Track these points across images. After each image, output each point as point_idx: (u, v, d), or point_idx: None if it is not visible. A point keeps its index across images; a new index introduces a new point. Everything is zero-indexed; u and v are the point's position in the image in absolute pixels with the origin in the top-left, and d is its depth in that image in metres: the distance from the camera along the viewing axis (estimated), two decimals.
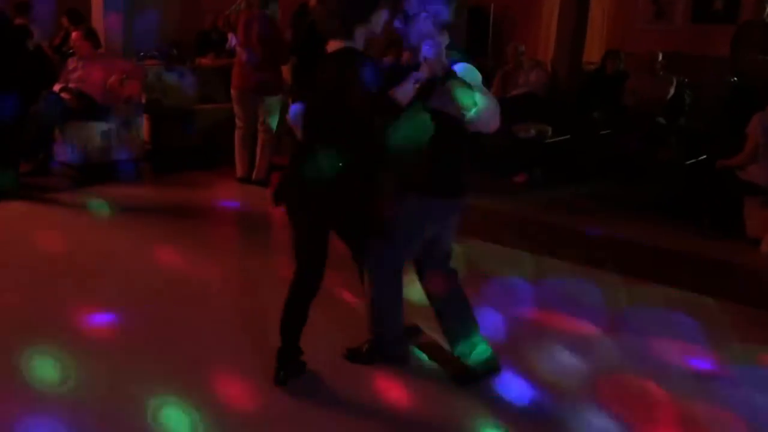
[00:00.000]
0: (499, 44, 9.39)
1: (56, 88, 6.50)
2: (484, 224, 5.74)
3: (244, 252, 5.00)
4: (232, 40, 6.38)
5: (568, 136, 6.94)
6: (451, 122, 3.03)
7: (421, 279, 3.39)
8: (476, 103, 2.94)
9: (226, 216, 5.93)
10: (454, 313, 3.36)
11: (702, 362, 3.65)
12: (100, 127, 6.40)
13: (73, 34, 6.70)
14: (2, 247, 4.70)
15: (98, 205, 5.62)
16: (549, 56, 8.67)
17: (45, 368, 3.16)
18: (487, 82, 8.09)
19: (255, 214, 5.87)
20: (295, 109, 3.27)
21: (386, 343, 3.37)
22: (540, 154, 6.82)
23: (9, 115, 5.62)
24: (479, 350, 3.31)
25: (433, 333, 3.52)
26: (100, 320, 3.66)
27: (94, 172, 6.36)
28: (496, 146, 6.89)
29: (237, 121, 6.56)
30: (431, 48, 2.96)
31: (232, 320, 3.76)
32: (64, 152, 6.40)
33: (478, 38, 9.40)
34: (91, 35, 6.55)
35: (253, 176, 6.57)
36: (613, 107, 7.06)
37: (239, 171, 6.63)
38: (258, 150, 6.57)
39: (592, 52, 8.85)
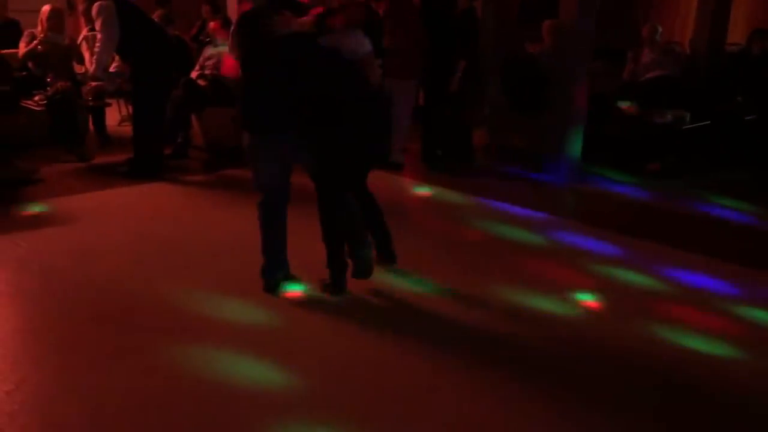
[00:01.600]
0: (631, 23, 8.98)
1: (193, 74, 6.82)
2: (611, 213, 5.53)
3: None
4: None
5: (708, 122, 6.55)
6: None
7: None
8: None
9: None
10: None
11: None
12: (233, 112, 6.65)
13: (211, 24, 6.98)
14: (145, 222, 5.00)
15: (228, 185, 5.87)
16: (687, 37, 8.20)
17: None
18: (617, 62, 7.77)
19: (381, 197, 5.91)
20: None
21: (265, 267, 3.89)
22: (676, 141, 6.47)
23: (157, 100, 5.97)
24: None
25: None
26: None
27: (227, 155, 6.63)
28: (627, 132, 6.62)
29: None
30: None
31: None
32: (199, 136, 6.70)
33: (611, 17, 9.02)
34: (227, 25, 6.80)
35: (389, 159, 6.61)
36: (759, 91, 6.59)
37: None
38: (393, 133, 6.58)
39: (736, 33, 8.29)
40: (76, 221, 4.97)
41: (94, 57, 5.87)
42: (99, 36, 5.69)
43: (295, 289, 3.92)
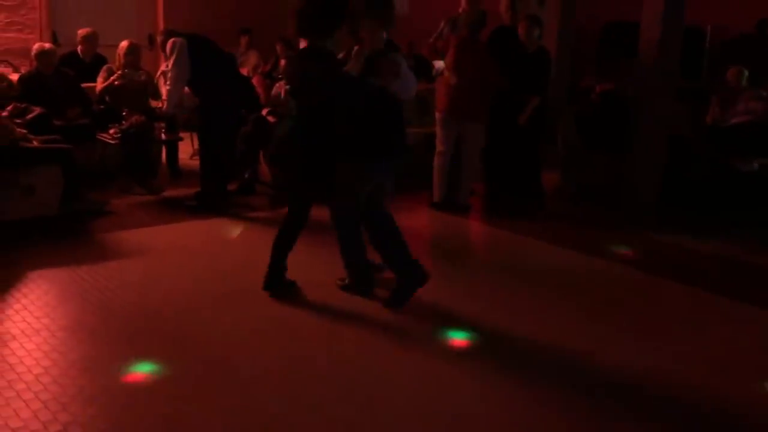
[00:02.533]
0: (715, 67, 8.63)
1: (264, 111, 6.86)
2: (688, 265, 5.22)
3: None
4: (439, 66, 6.34)
5: None
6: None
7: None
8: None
9: (416, 242, 5.88)
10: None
11: None
12: None
13: (282, 61, 7.03)
14: (209, 258, 4.98)
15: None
16: None
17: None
18: (700, 106, 7.48)
19: (446, 240, 5.78)
20: None
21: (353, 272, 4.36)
22: (763, 191, 6.10)
23: (226, 136, 6.02)
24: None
25: None
26: None
27: None
28: (708, 180, 6.30)
29: (438, 144, 6.50)
30: None
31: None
32: (266, 173, 6.70)
33: (692, 60, 8.71)
34: None
35: (458, 200, 6.49)
36: None
37: (435, 196, 6.57)
38: (462, 175, 6.48)
39: None
40: (142, 255, 4.99)
41: (165, 94, 5.98)
42: (170, 74, 5.79)
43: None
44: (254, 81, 7.71)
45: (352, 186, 4.21)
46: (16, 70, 7.49)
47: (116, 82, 6.81)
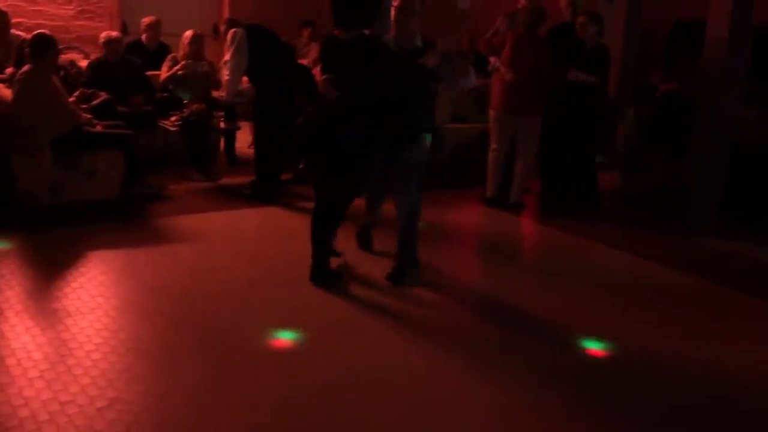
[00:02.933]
0: None
1: None
2: (751, 273, 5.05)
3: (469, 274, 4.88)
4: (495, 62, 6.28)
5: None
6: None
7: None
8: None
9: (465, 236, 5.86)
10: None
11: None
12: None
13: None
14: (262, 244, 5.07)
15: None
16: None
17: None
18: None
19: (495, 237, 5.74)
20: None
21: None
22: None
23: (280, 126, 6.09)
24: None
25: None
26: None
27: None
28: None
29: (492, 141, 6.46)
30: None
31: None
32: None
33: (762, 61, 8.37)
34: None
35: (510, 198, 6.44)
36: None
37: (489, 192, 6.54)
38: (516, 172, 6.42)
39: None
40: (196, 240, 5.12)
41: (224, 84, 6.10)
42: (228, 63, 5.90)
43: None
44: (315, 72, 7.77)
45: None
46: (86, 56, 7.73)
47: (179, 72, 6.97)
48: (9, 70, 5.97)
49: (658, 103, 7.05)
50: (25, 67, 5.26)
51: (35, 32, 5.40)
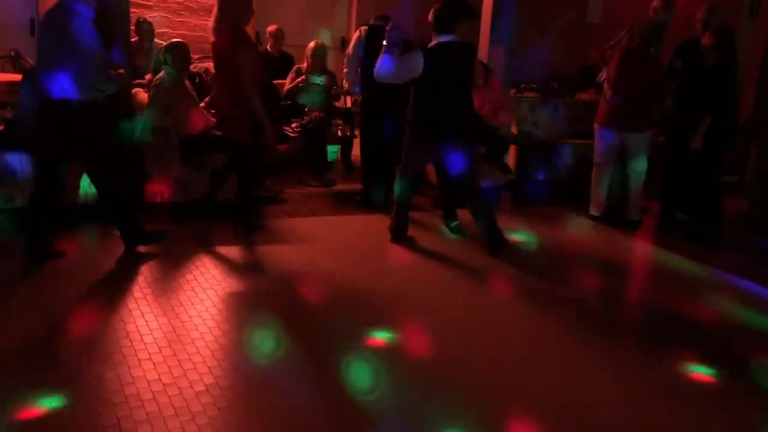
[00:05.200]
0: None
1: None
2: None
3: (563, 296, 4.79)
4: (603, 74, 6.17)
5: None
6: None
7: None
8: None
9: (571, 252, 5.73)
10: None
11: None
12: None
13: None
14: (371, 250, 5.23)
15: (456, 229, 5.86)
16: None
17: None
18: None
19: (597, 256, 5.59)
20: None
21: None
22: None
23: (389, 137, 6.21)
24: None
25: None
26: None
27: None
28: None
29: (595, 156, 6.35)
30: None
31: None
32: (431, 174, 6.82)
33: None
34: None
35: (625, 215, 6.30)
36: None
37: (593, 208, 6.40)
38: (629, 189, 6.26)
39: None
40: (306, 242, 5.32)
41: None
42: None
43: None
44: None
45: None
46: None
47: (300, 84, 7.27)
48: (148, 76, 6.45)
49: None
50: (160, 74, 5.68)
51: (170, 41, 5.83)
